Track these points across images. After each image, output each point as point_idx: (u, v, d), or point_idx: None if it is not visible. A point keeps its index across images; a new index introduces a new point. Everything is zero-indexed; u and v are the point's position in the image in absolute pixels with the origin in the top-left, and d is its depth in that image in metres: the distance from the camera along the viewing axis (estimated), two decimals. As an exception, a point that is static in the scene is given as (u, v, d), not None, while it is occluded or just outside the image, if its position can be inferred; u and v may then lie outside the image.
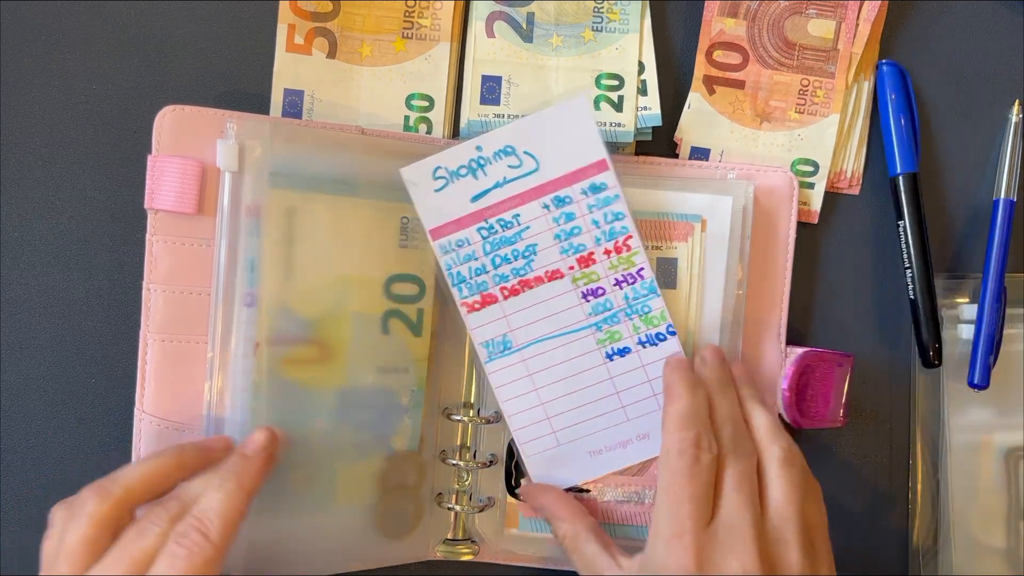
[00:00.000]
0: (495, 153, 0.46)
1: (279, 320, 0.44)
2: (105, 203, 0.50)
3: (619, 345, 0.47)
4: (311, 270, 0.45)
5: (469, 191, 0.46)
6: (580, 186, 0.46)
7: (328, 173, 0.45)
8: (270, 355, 0.44)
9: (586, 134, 0.46)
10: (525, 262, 0.47)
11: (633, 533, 0.48)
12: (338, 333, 0.45)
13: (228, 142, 0.45)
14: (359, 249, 0.46)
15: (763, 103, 0.51)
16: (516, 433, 0.48)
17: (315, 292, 0.45)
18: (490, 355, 0.47)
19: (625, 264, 0.47)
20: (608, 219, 0.47)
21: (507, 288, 0.47)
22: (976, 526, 0.51)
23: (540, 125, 0.46)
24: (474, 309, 0.47)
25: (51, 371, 0.50)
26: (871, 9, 0.51)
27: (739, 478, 0.42)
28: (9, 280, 0.50)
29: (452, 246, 0.47)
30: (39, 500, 0.49)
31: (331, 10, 0.50)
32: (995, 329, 0.50)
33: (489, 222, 0.47)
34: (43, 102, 0.50)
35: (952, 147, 0.53)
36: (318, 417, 0.45)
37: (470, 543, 0.49)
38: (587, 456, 0.48)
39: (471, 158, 0.46)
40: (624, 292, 0.47)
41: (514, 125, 0.46)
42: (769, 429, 0.44)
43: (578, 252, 0.47)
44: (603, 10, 0.51)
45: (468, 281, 0.47)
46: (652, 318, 0.47)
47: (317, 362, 0.45)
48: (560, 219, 0.47)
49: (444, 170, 0.46)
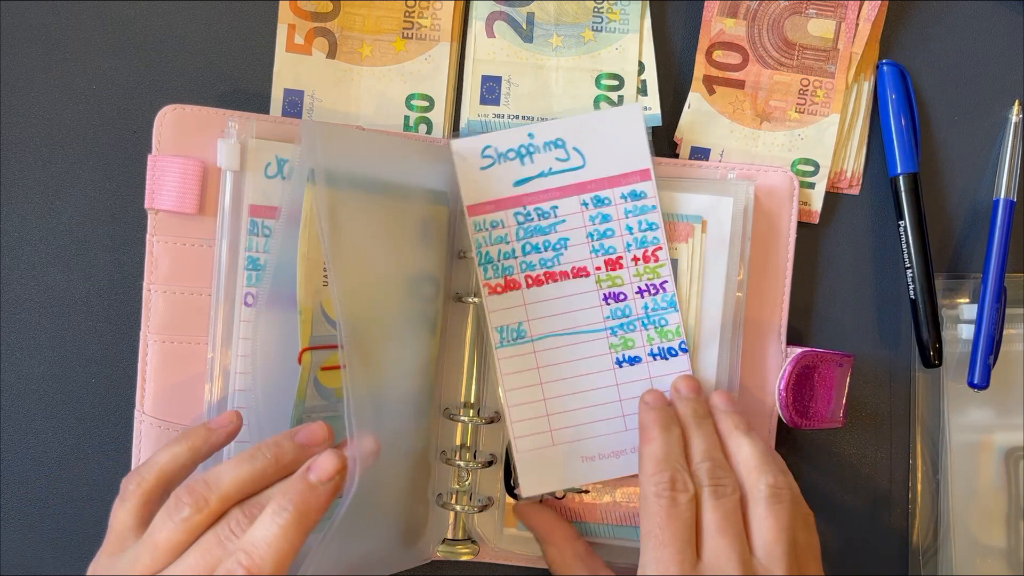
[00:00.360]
0: (545, 143, 0.47)
1: (319, 325, 0.43)
2: (105, 203, 0.50)
3: (631, 353, 0.47)
4: (346, 272, 0.42)
5: (514, 175, 0.47)
6: (621, 190, 0.47)
7: (360, 173, 0.43)
8: (312, 362, 0.43)
9: (636, 141, 0.47)
10: (554, 254, 0.47)
11: (632, 534, 0.48)
12: (370, 336, 0.43)
13: (229, 141, 0.45)
14: (387, 249, 0.44)
15: (763, 103, 0.51)
16: (513, 426, 0.47)
17: (350, 294, 0.42)
18: (502, 341, 0.47)
19: (650, 274, 0.47)
20: (642, 227, 0.47)
21: (532, 277, 0.47)
22: (976, 526, 0.51)
23: (594, 124, 0.47)
24: (495, 292, 0.47)
25: (51, 371, 0.50)
26: (871, 9, 0.51)
27: (721, 520, 0.41)
28: (9, 280, 0.50)
29: (486, 225, 0.47)
30: (39, 500, 0.49)
31: (331, 10, 0.50)
32: (995, 329, 0.50)
33: (527, 208, 0.47)
34: (43, 102, 0.50)
35: (952, 147, 0.53)
36: None
37: (470, 543, 0.49)
38: (579, 461, 0.48)
39: (522, 143, 0.47)
40: (644, 301, 0.47)
41: (568, 120, 0.47)
42: (756, 462, 0.42)
43: (607, 254, 0.47)
44: (603, 10, 0.51)
45: (495, 263, 0.47)
46: (667, 332, 0.47)
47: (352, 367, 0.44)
48: (596, 218, 0.47)
49: (493, 150, 0.47)
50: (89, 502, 0.50)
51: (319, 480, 0.38)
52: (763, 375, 0.49)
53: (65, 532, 0.49)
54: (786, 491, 0.42)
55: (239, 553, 0.36)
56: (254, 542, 0.36)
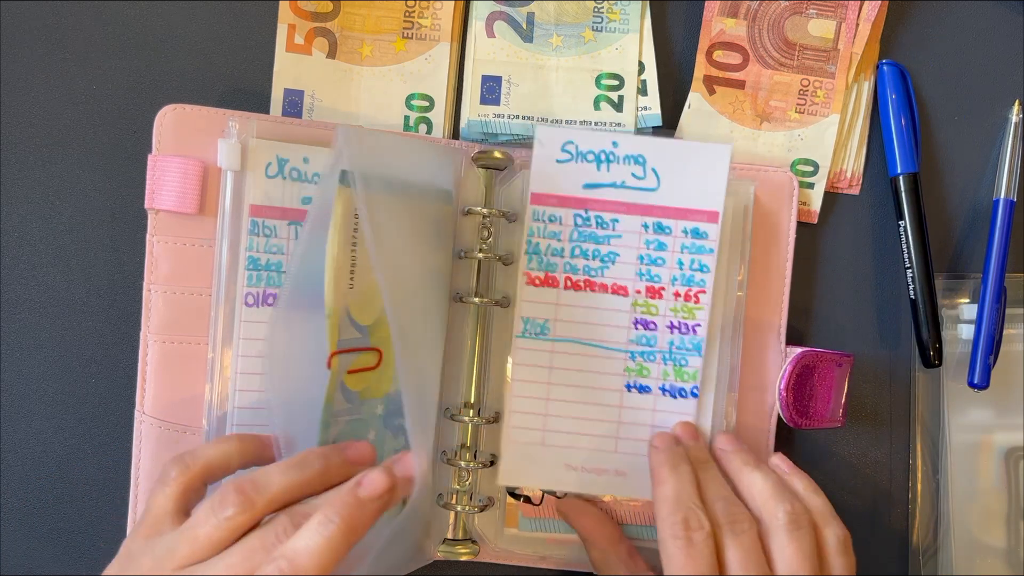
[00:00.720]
0: (626, 156, 0.47)
1: (345, 328, 0.43)
2: (105, 203, 0.50)
3: (643, 381, 0.47)
4: (368, 274, 0.43)
5: (586, 176, 0.47)
6: (684, 224, 0.47)
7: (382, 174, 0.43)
8: (339, 366, 0.42)
9: (715, 181, 0.46)
10: (600, 265, 0.47)
11: (641, 533, 0.48)
12: (388, 338, 0.44)
13: (230, 141, 0.45)
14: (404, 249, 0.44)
15: (763, 103, 0.51)
16: (510, 415, 0.47)
17: (372, 296, 0.43)
18: (524, 331, 0.47)
19: (686, 313, 0.47)
20: (693, 266, 0.47)
21: (572, 280, 0.47)
22: (976, 526, 0.51)
23: (680, 152, 0.47)
24: (532, 283, 0.47)
25: (51, 371, 0.49)
26: (871, 9, 0.51)
27: (743, 557, 0.40)
28: (9, 280, 0.50)
29: (544, 217, 0.47)
30: (39, 500, 0.49)
31: (331, 10, 0.50)
32: (995, 329, 0.50)
33: (588, 213, 0.47)
34: (43, 102, 0.50)
35: (952, 147, 0.53)
36: (371, 427, 0.45)
37: (470, 543, 0.49)
38: (562, 467, 0.48)
39: (603, 149, 0.47)
40: (672, 337, 0.47)
41: (656, 141, 0.47)
42: (770, 493, 0.42)
43: (651, 281, 0.47)
44: (603, 10, 0.51)
45: (541, 256, 0.47)
46: (685, 372, 0.47)
47: (374, 369, 0.44)
48: (652, 244, 0.47)
49: (574, 147, 0.47)
50: (89, 502, 0.50)
51: (369, 497, 0.38)
52: (763, 375, 0.49)
53: (65, 532, 0.49)
54: (804, 516, 0.41)
55: (281, 560, 0.36)
56: (297, 550, 0.36)
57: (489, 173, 0.49)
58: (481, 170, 0.49)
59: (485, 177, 0.49)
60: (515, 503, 0.49)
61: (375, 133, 0.47)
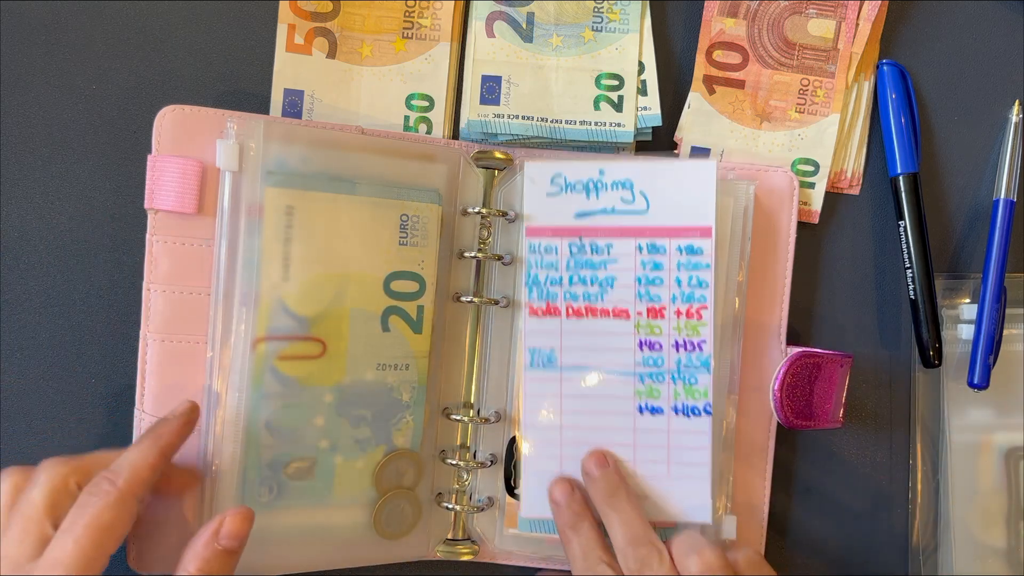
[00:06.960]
0: (614, 183, 0.47)
1: (277, 317, 0.44)
2: (105, 203, 0.50)
3: (654, 403, 0.47)
4: (308, 268, 0.45)
5: (576, 206, 0.47)
6: (678, 242, 0.47)
7: (325, 171, 0.45)
8: (268, 351, 0.44)
9: (703, 196, 0.47)
10: (599, 291, 0.47)
11: None
12: (337, 330, 0.46)
13: (228, 142, 0.45)
14: (357, 246, 0.46)
15: (763, 103, 0.51)
16: (527, 447, 0.47)
17: (313, 289, 0.45)
18: (532, 363, 0.47)
19: (690, 330, 0.47)
20: (692, 282, 0.47)
21: (573, 308, 0.47)
22: (976, 526, 0.51)
23: (665, 172, 0.47)
24: (535, 314, 0.47)
25: (51, 371, 0.50)
26: (871, 9, 0.51)
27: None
28: (9, 280, 0.50)
29: (540, 249, 0.47)
30: (39, 500, 0.49)
31: (331, 10, 0.50)
32: (995, 329, 0.50)
33: (583, 241, 0.47)
34: (43, 102, 0.50)
35: (952, 147, 0.53)
36: (317, 413, 0.46)
37: (470, 543, 0.49)
38: None
39: (591, 178, 0.47)
40: (679, 356, 0.47)
41: (641, 163, 0.47)
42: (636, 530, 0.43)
43: (652, 301, 0.47)
44: (603, 10, 0.51)
45: (541, 286, 0.47)
46: (695, 391, 0.47)
47: (316, 358, 0.45)
48: (648, 265, 0.47)
49: (562, 179, 0.47)
50: (89, 502, 0.50)
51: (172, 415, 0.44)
52: (763, 375, 0.49)
53: (65, 532, 0.49)
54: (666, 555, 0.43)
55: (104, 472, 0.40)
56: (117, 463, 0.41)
57: (488, 173, 0.49)
58: (481, 170, 0.49)
59: (484, 177, 0.49)
60: (515, 503, 0.49)
61: (307, 129, 0.48)
